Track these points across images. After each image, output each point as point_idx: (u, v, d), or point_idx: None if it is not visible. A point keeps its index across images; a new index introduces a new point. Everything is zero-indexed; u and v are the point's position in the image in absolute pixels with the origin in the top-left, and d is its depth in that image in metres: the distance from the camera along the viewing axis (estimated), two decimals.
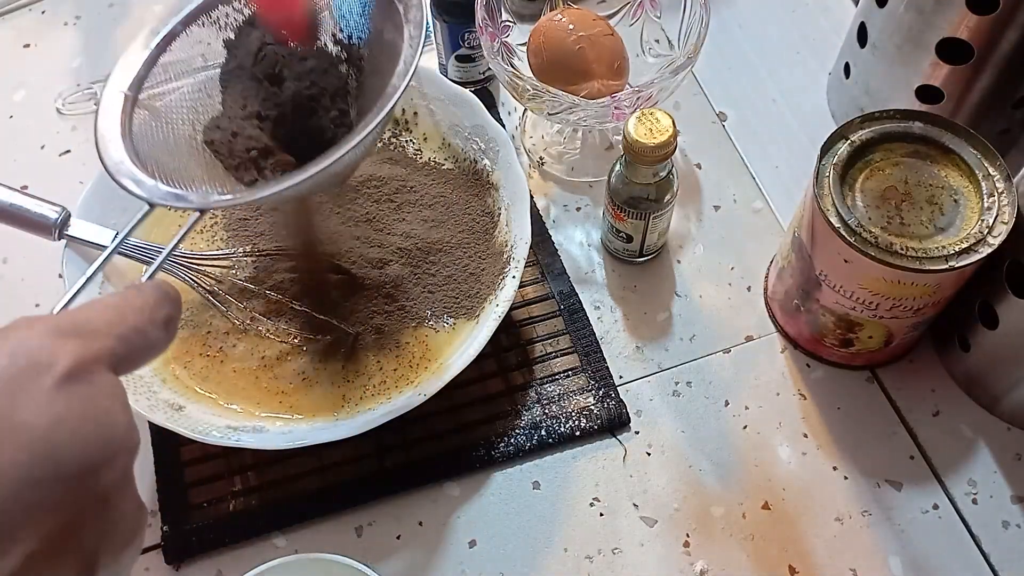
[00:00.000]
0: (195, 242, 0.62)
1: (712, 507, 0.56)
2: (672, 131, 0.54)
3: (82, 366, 0.25)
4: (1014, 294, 0.51)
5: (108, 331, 0.27)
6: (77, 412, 0.25)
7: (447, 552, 0.55)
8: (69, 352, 0.25)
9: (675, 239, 0.66)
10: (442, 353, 0.57)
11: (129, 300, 0.29)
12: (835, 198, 0.50)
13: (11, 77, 0.76)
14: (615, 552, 0.54)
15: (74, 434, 0.24)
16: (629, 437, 0.58)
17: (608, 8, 0.66)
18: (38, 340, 0.25)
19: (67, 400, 0.25)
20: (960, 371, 0.59)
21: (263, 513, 0.56)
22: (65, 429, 0.24)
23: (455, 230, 0.61)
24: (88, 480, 0.25)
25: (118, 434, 0.26)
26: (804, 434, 0.58)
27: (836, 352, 0.59)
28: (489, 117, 0.62)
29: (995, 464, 0.56)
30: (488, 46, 0.60)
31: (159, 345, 0.30)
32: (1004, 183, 0.50)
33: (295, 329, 0.58)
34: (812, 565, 0.54)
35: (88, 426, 0.25)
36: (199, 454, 0.57)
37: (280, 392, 0.56)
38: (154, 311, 0.30)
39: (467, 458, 0.57)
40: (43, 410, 0.24)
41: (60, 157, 0.72)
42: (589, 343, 0.61)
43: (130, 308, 0.29)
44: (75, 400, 0.25)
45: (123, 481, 0.27)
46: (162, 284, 0.31)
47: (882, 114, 0.52)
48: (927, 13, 0.57)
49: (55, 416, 0.24)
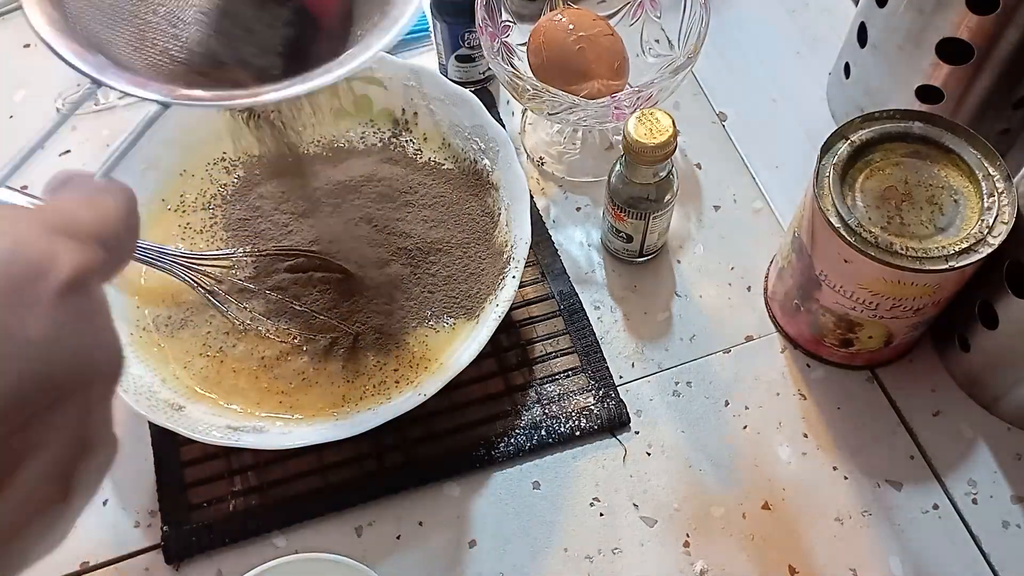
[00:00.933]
0: (195, 242, 0.62)
1: (712, 507, 0.56)
2: (672, 131, 0.54)
3: (81, 275, 0.23)
4: (1014, 294, 0.51)
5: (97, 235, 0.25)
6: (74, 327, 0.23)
7: (447, 552, 0.55)
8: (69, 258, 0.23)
9: (675, 239, 0.66)
10: (442, 353, 0.57)
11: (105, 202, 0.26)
12: (835, 198, 0.50)
13: (11, 77, 0.76)
14: (615, 552, 0.54)
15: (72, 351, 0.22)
16: (629, 437, 0.58)
17: (608, 8, 0.66)
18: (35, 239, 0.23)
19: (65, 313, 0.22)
20: (960, 371, 0.59)
21: (263, 513, 0.56)
22: (62, 345, 0.22)
23: (455, 230, 0.61)
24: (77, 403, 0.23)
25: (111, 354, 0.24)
26: (804, 434, 0.58)
27: (836, 352, 0.59)
28: (489, 117, 0.62)
29: (995, 464, 0.56)
30: (488, 46, 0.60)
31: (129, 256, 0.28)
32: (1004, 183, 0.50)
33: (295, 329, 0.58)
34: (812, 565, 0.54)
35: (84, 343, 0.23)
36: (199, 454, 0.57)
37: (280, 392, 0.56)
38: (128, 217, 0.27)
39: (467, 458, 0.57)
40: (42, 323, 0.22)
41: (60, 157, 0.72)
42: (589, 343, 0.61)
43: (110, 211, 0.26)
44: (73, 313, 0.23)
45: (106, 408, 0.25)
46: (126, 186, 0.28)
47: (882, 114, 0.52)
48: (927, 13, 0.57)
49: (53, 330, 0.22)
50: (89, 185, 0.28)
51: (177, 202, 0.63)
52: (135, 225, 0.27)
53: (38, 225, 0.23)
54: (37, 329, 0.21)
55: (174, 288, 0.59)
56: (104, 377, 0.24)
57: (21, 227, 0.23)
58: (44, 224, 0.23)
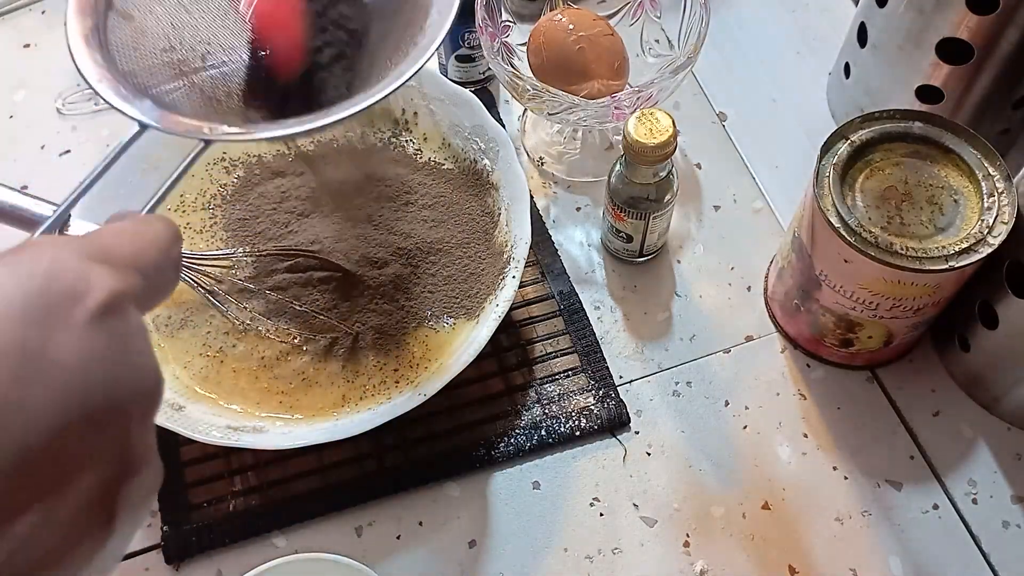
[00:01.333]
0: (195, 242, 0.62)
1: (712, 507, 0.56)
2: (672, 131, 0.54)
3: (116, 299, 0.23)
4: (1014, 294, 0.51)
5: (134, 264, 0.25)
6: (111, 350, 0.22)
7: (447, 552, 0.55)
8: (103, 282, 0.23)
9: (675, 239, 0.66)
10: (442, 353, 0.57)
11: (145, 233, 0.27)
12: (835, 198, 0.50)
13: (11, 77, 0.76)
14: (615, 552, 0.54)
15: (107, 375, 0.22)
16: (629, 437, 0.58)
17: (608, 8, 0.66)
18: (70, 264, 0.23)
19: (101, 336, 0.22)
20: (960, 371, 0.59)
21: (263, 513, 0.56)
22: (99, 369, 0.22)
23: (455, 230, 0.61)
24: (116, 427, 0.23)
25: (149, 378, 0.24)
26: (804, 434, 0.58)
27: (836, 352, 0.59)
28: (489, 117, 0.62)
29: (995, 464, 0.56)
30: (488, 46, 0.60)
31: (171, 287, 0.28)
32: (1004, 183, 0.50)
33: (295, 329, 0.58)
34: (812, 565, 0.54)
35: (121, 367, 0.23)
36: (199, 454, 0.57)
37: (280, 392, 0.56)
38: (170, 249, 0.27)
39: (467, 458, 0.57)
40: (77, 346, 0.21)
41: (60, 157, 0.72)
42: (589, 343, 0.61)
43: (149, 242, 0.27)
44: (109, 337, 0.22)
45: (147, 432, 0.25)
46: (169, 220, 0.29)
47: (882, 114, 0.52)
48: (927, 13, 0.57)
49: (89, 353, 0.22)
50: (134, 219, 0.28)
51: (177, 202, 0.63)
52: (176, 257, 0.28)
53: (75, 252, 0.24)
54: (71, 352, 0.22)
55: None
56: (142, 400, 0.24)
57: (58, 253, 0.23)
58: (81, 251, 0.24)
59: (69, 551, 0.22)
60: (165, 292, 0.28)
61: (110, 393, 0.22)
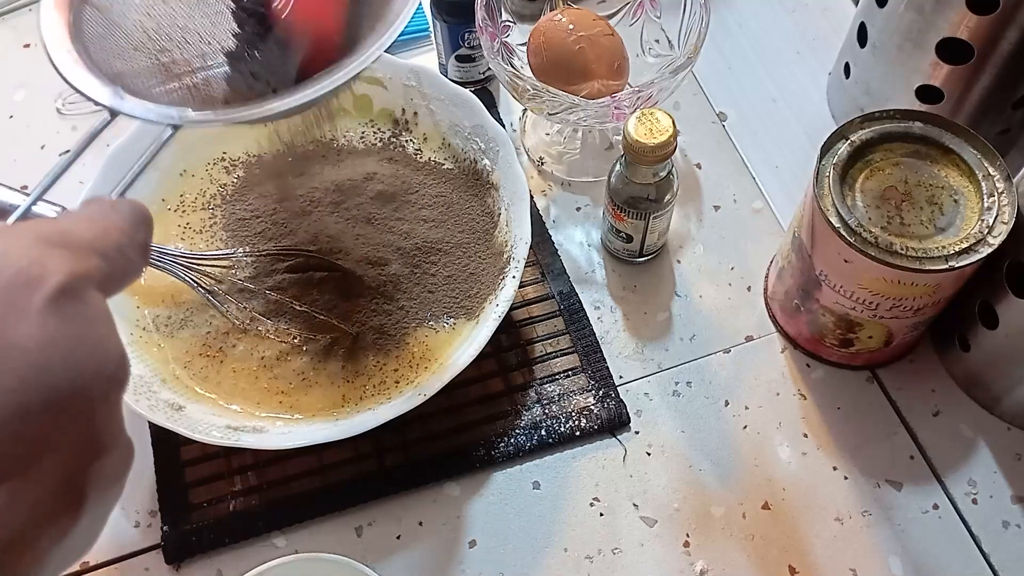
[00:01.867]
0: (195, 242, 0.62)
1: (712, 507, 0.56)
2: (672, 131, 0.54)
3: (74, 282, 0.23)
4: (1014, 294, 0.51)
5: (93, 247, 0.25)
6: (70, 333, 0.23)
7: (447, 552, 0.55)
8: (60, 266, 0.23)
9: (675, 239, 0.66)
10: (442, 353, 0.57)
11: (109, 216, 0.27)
12: (835, 198, 0.50)
13: (11, 77, 0.76)
14: (615, 552, 0.54)
15: (67, 358, 0.22)
16: (629, 437, 0.58)
17: (608, 8, 0.66)
18: (26, 249, 0.23)
19: (60, 320, 0.22)
20: (960, 371, 0.59)
21: (263, 513, 0.56)
22: (58, 352, 0.22)
23: (455, 230, 0.61)
24: (79, 410, 0.23)
25: (111, 360, 0.24)
26: (804, 434, 0.58)
27: (836, 352, 0.59)
28: (489, 117, 0.62)
29: (995, 464, 0.56)
30: (488, 46, 0.60)
31: (137, 270, 0.28)
32: (1004, 183, 0.50)
33: (295, 329, 0.58)
34: (812, 565, 0.54)
35: (82, 349, 0.23)
36: (199, 454, 0.57)
37: (280, 392, 0.56)
38: (134, 232, 0.27)
39: (467, 458, 0.57)
40: (35, 330, 0.22)
41: (60, 157, 0.72)
42: (589, 343, 0.61)
43: (112, 225, 0.26)
44: (68, 320, 0.23)
45: (113, 413, 0.25)
46: (138, 203, 0.29)
47: (882, 114, 0.52)
48: (927, 13, 0.57)
49: (48, 337, 0.22)
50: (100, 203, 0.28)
51: (177, 202, 0.63)
52: (142, 239, 0.28)
53: (30, 237, 0.24)
54: (30, 335, 0.22)
55: (174, 288, 0.59)
56: (105, 382, 0.24)
57: (11, 239, 0.23)
58: (37, 236, 0.24)
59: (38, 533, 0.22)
60: (130, 275, 0.27)
61: (71, 376, 0.22)
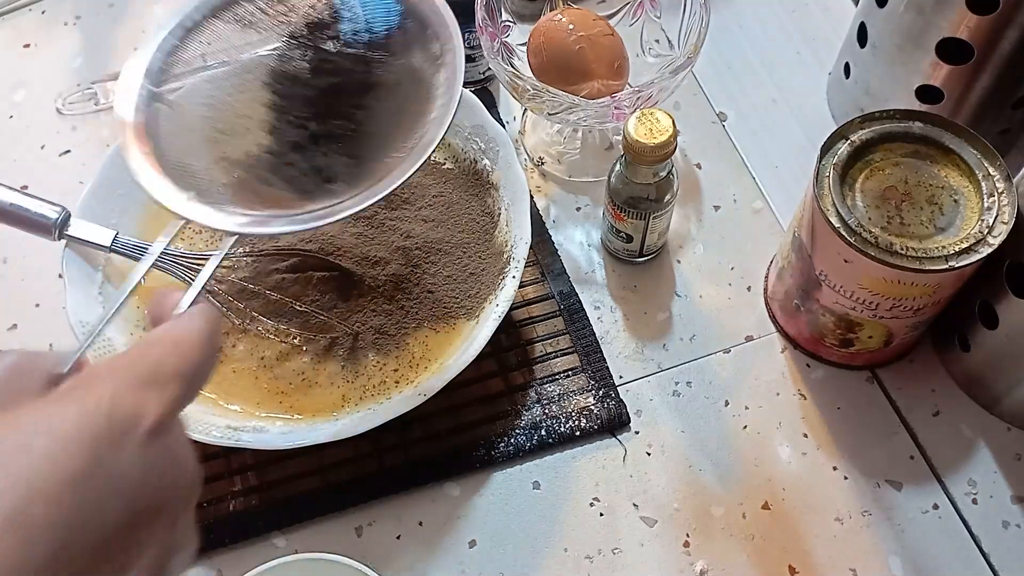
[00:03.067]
0: (194, 242, 0.62)
1: (712, 507, 0.56)
2: (672, 131, 0.54)
3: (164, 419, 0.29)
4: (1014, 294, 0.51)
5: (176, 375, 0.30)
6: (162, 460, 0.28)
7: (447, 552, 0.55)
8: (153, 407, 0.28)
9: (675, 239, 0.66)
10: (442, 353, 0.57)
11: (186, 335, 0.31)
12: (835, 198, 0.50)
13: (11, 77, 0.76)
14: (615, 552, 0.54)
15: (160, 479, 0.28)
16: (629, 437, 0.58)
17: (608, 8, 0.66)
18: (128, 395, 0.28)
19: (154, 450, 0.28)
20: (960, 371, 0.59)
21: (263, 513, 0.56)
22: (154, 476, 0.28)
23: (455, 230, 0.61)
24: (169, 518, 0.29)
25: (191, 476, 0.30)
26: (804, 434, 0.58)
27: (836, 352, 0.59)
28: (489, 117, 0.62)
29: (995, 464, 0.56)
30: (488, 46, 0.60)
31: (210, 377, 0.32)
32: (1004, 183, 0.50)
33: (295, 329, 0.58)
34: (812, 565, 0.54)
35: (170, 472, 0.29)
36: (199, 454, 0.56)
37: (280, 392, 0.56)
38: (209, 344, 0.32)
39: (467, 458, 0.57)
40: (137, 461, 0.27)
41: (60, 157, 0.72)
42: (589, 343, 0.61)
43: (189, 345, 0.31)
44: (160, 449, 0.28)
45: (190, 516, 0.31)
46: (209, 313, 0.33)
47: (882, 114, 0.52)
48: (927, 13, 0.57)
49: (147, 465, 0.27)
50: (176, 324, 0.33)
51: None
52: (213, 352, 0.32)
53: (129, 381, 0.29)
54: (132, 466, 0.27)
55: (174, 288, 0.58)
56: (186, 494, 0.30)
57: (116, 383, 0.28)
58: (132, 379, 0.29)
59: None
60: (208, 378, 0.32)
61: (163, 492, 0.28)
